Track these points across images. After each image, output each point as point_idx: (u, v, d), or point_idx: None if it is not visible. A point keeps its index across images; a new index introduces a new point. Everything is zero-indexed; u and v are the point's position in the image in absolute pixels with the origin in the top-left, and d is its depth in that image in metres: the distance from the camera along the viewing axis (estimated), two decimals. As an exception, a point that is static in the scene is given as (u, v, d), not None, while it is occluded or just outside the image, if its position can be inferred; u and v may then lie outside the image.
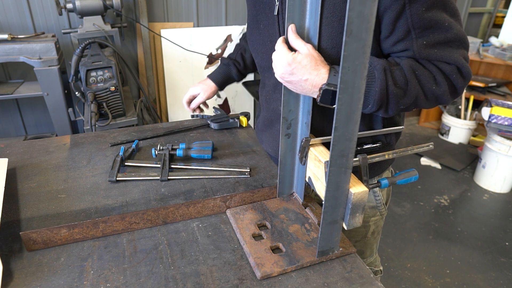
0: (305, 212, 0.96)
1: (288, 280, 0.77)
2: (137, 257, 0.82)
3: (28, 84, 2.26)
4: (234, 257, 0.83)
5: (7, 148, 1.27)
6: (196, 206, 0.94)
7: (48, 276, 0.77)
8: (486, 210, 2.78)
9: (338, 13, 0.83)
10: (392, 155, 0.84)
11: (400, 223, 2.59)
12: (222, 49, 2.82)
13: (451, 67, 0.84)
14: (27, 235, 0.82)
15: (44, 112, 2.51)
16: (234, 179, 1.11)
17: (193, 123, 1.46)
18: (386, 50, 0.88)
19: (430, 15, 0.79)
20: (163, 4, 2.60)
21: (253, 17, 1.04)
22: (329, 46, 0.85)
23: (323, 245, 0.80)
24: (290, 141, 0.93)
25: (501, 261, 2.29)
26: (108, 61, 1.84)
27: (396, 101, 0.82)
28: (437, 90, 0.85)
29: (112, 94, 1.85)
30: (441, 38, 0.82)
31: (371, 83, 0.80)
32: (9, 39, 1.91)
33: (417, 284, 2.11)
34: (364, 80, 0.64)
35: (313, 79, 0.80)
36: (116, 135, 1.36)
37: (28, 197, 1.02)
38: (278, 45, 0.84)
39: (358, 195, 0.73)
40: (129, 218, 0.89)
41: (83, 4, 2.07)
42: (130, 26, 2.56)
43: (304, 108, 0.88)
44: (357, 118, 0.67)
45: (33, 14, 2.28)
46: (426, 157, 3.42)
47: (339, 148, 0.69)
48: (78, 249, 0.84)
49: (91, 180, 1.09)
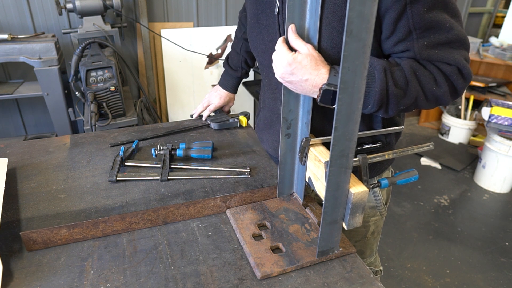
0: (305, 212, 0.96)
1: (288, 280, 0.77)
2: (137, 257, 0.82)
3: (28, 84, 2.26)
4: (234, 257, 0.83)
5: (7, 148, 1.27)
6: (196, 206, 0.94)
7: (48, 276, 0.77)
8: (486, 210, 2.78)
9: (338, 13, 0.83)
10: (392, 155, 0.84)
11: (400, 223, 2.59)
12: (222, 49, 2.82)
13: (451, 68, 0.83)
14: (27, 235, 0.82)
15: (44, 112, 2.51)
16: (234, 179, 1.11)
17: (193, 123, 1.46)
18: (387, 51, 0.88)
19: (431, 15, 0.79)
20: (163, 4, 2.60)
21: (254, 16, 1.04)
22: (329, 46, 0.85)
23: (323, 245, 0.80)
24: (290, 141, 0.93)
25: (501, 261, 2.29)
26: (108, 61, 1.84)
27: (396, 102, 0.82)
28: (437, 91, 0.84)
29: (112, 94, 1.85)
30: (442, 39, 0.81)
31: (371, 83, 0.80)
32: (9, 39, 1.91)
33: (417, 284, 2.11)
34: (364, 80, 0.64)
35: (313, 79, 0.80)
36: (116, 135, 1.36)
37: (28, 197, 1.02)
38: (278, 45, 0.84)
39: (358, 195, 0.73)
40: (129, 218, 0.89)
41: (83, 4, 2.07)
42: (130, 26, 2.56)
43: (304, 108, 0.88)
44: (357, 118, 0.67)
45: (33, 14, 2.28)
46: (426, 157, 3.42)
47: (339, 148, 0.69)
48: (78, 249, 0.84)
49: (91, 180, 1.09)
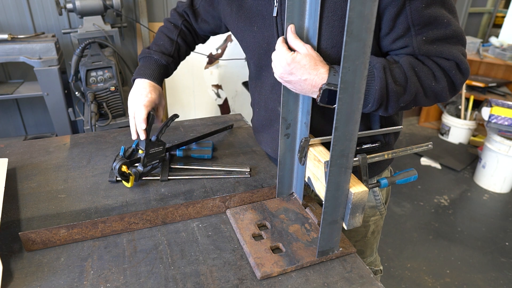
0: (305, 212, 0.96)
1: (288, 280, 0.77)
2: (137, 257, 0.82)
3: (28, 84, 2.26)
4: (234, 257, 0.83)
5: (7, 148, 1.27)
6: (195, 207, 0.94)
7: (48, 276, 0.77)
8: (486, 210, 2.78)
9: (339, 12, 0.83)
10: (391, 155, 0.84)
11: (400, 223, 2.59)
12: (222, 49, 2.82)
13: (450, 63, 0.84)
14: (26, 235, 0.82)
15: (44, 112, 2.51)
16: (234, 179, 1.11)
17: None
18: (385, 48, 0.88)
19: (429, 11, 0.80)
20: (163, 4, 2.60)
21: (244, 19, 1.02)
22: (329, 45, 0.85)
23: (323, 245, 0.80)
24: (290, 141, 0.93)
25: (501, 261, 2.29)
26: (108, 61, 1.84)
27: (396, 99, 0.82)
28: (436, 87, 0.85)
29: (112, 94, 1.86)
30: (440, 34, 0.82)
31: (370, 81, 0.80)
32: (9, 39, 1.91)
33: (417, 284, 2.11)
34: (364, 80, 0.64)
35: (312, 79, 0.80)
36: (116, 135, 1.36)
37: (28, 197, 1.02)
38: (278, 45, 0.84)
39: (358, 195, 0.73)
40: (128, 218, 0.89)
41: (83, 4, 2.07)
42: (130, 26, 2.56)
43: (303, 108, 0.88)
44: (357, 118, 0.67)
45: (33, 14, 2.28)
46: (426, 157, 3.42)
47: (339, 148, 0.69)
48: (78, 249, 0.84)
49: (91, 180, 1.09)
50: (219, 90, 2.92)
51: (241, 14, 1.02)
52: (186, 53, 1.24)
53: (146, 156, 1.03)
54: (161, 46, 1.17)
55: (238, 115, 1.56)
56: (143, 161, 1.02)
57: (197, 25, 1.22)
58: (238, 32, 1.07)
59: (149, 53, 1.15)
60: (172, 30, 1.20)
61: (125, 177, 1.01)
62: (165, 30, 1.20)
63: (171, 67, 1.18)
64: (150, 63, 1.14)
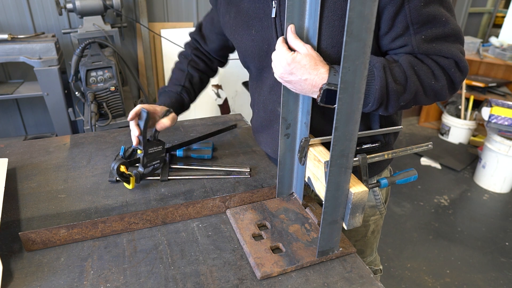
0: (305, 212, 0.96)
1: (288, 280, 0.77)
2: (137, 257, 0.82)
3: (28, 84, 2.27)
4: (234, 257, 0.83)
5: (7, 148, 1.27)
6: (195, 207, 0.94)
7: (48, 276, 0.77)
8: (486, 210, 2.78)
9: (339, 11, 0.83)
10: (391, 155, 0.84)
11: (400, 223, 2.59)
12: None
13: (449, 61, 0.85)
14: (26, 235, 0.82)
15: (44, 112, 2.51)
16: (234, 179, 1.11)
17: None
18: (384, 47, 0.88)
19: (428, 10, 0.80)
20: (163, 4, 2.60)
21: (242, 24, 1.02)
22: (329, 45, 0.86)
23: (323, 245, 0.80)
24: (290, 141, 0.93)
25: (501, 261, 2.29)
26: (108, 61, 1.84)
27: (396, 98, 0.82)
28: (436, 85, 0.85)
29: (112, 94, 1.85)
30: (439, 33, 0.83)
31: (370, 81, 0.80)
32: (9, 39, 1.91)
33: (417, 284, 2.11)
34: (364, 80, 0.64)
35: (312, 78, 0.80)
36: (116, 135, 1.36)
37: (28, 197, 1.02)
38: (278, 45, 0.84)
39: (358, 195, 0.73)
40: (128, 218, 0.89)
41: (83, 4, 2.07)
42: (130, 26, 2.56)
43: (303, 108, 0.88)
44: (358, 118, 0.67)
45: (33, 14, 2.28)
46: (426, 157, 3.42)
47: (339, 148, 0.69)
48: (78, 249, 0.84)
49: (91, 180, 1.09)
50: (219, 90, 2.92)
51: (239, 20, 1.02)
52: (201, 81, 1.28)
53: (146, 156, 1.02)
54: (173, 79, 1.25)
55: (238, 115, 1.56)
56: (143, 161, 1.02)
57: (207, 47, 1.26)
58: (236, 38, 1.07)
59: (164, 88, 1.25)
60: (182, 62, 1.28)
61: (124, 178, 1.01)
62: (178, 64, 1.29)
63: (185, 96, 1.22)
64: (163, 96, 1.21)
